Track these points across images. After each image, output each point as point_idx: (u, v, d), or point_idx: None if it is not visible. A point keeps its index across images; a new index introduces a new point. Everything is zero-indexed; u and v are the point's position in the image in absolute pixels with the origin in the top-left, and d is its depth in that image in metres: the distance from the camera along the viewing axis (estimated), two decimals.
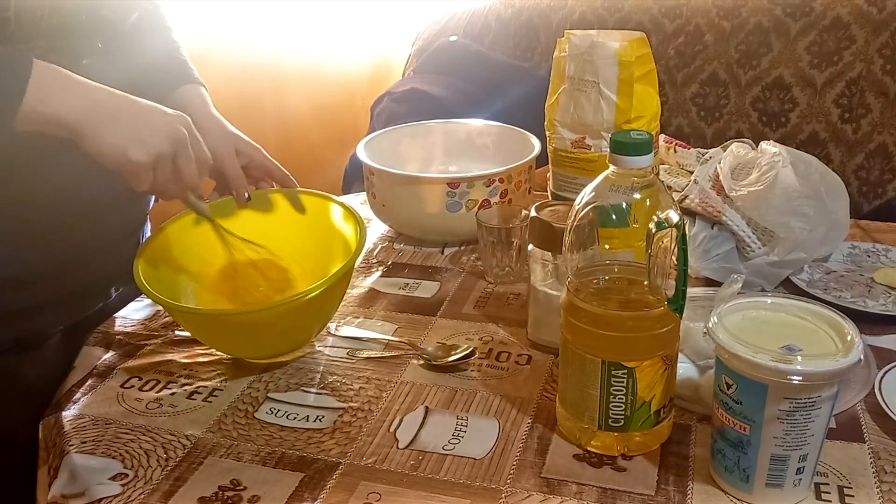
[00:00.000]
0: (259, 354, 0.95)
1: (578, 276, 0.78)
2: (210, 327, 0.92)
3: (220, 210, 1.00)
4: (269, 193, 1.04)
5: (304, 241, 1.01)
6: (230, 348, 0.95)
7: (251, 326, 0.89)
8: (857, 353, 0.68)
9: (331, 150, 2.49)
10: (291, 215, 1.03)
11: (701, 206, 1.06)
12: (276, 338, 0.92)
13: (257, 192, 1.03)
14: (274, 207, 1.03)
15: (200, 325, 0.92)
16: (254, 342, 0.93)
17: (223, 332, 0.92)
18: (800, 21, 1.99)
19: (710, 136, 2.08)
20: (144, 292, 0.88)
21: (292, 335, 0.94)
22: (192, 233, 0.98)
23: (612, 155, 0.74)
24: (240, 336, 0.91)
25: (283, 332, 0.92)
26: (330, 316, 0.98)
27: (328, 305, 0.95)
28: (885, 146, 1.92)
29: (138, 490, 0.76)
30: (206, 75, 1.11)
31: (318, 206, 1.03)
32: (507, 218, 1.13)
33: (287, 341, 0.94)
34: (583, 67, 1.20)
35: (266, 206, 1.03)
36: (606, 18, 2.16)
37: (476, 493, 0.74)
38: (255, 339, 0.92)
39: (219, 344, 0.95)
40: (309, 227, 1.02)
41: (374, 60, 2.67)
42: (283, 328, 0.91)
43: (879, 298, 1.05)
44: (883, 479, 0.75)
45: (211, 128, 1.01)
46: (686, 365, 0.87)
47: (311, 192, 1.04)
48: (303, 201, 1.03)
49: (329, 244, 0.99)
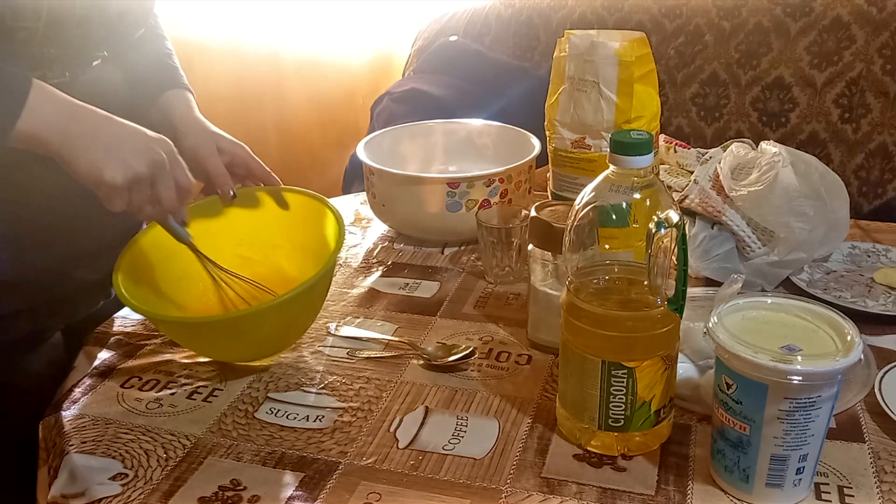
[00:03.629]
0: (245, 357, 0.95)
1: (578, 276, 0.78)
2: (191, 334, 0.92)
3: (207, 210, 1.01)
4: (254, 191, 1.04)
5: (290, 238, 1.02)
6: (216, 354, 0.95)
7: (234, 331, 0.89)
8: (857, 353, 0.68)
9: (331, 150, 2.49)
10: (277, 213, 1.03)
11: (701, 206, 1.06)
12: (261, 341, 0.92)
13: (242, 189, 1.03)
14: (260, 205, 1.04)
15: (181, 333, 0.93)
16: (238, 347, 0.92)
17: (205, 339, 0.92)
18: (800, 21, 1.98)
19: (710, 136, 2.08)
20: (125, 302, 0.88)
21: (276, 338, 0.94)
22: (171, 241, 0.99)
23: (612, 155, 0.74)
24: (223, 342, 0.91)
25: (268, 335, 0.92)
26: (314, 316, 0.98)
27: (309, 308, 0.94)
28: (885, 146, 1.92)
29: (138, 490, 0.76)
30: (208, 75, 1.11)
31: (302, 204, 1.03)
32: (507, 218, 1.13)
33: (273, 343, 0.94)
34: (583, 67, 1.20)
35: (252, 203, 1.03)
36: (606, 18, 2.16)
37: (476, 493, 0.74)
38: (239, 343, 0.91)
39: (204, 351, 0.95)
40: (293, 224, 1.02)
41: (374, 60, 2.67)
42: (266, 331, 0.90)
43: (879, 298, 1.05)
44: (883, 479, 0.75)
45: (193, 129, 1.03)
46: (686, 365, 0.87)
47: (295, 190, 1.04)
48: (287, 199, 1.04)
49: (313, 240, 0.99)
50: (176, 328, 0.93)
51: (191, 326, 0.92)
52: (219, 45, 2.13)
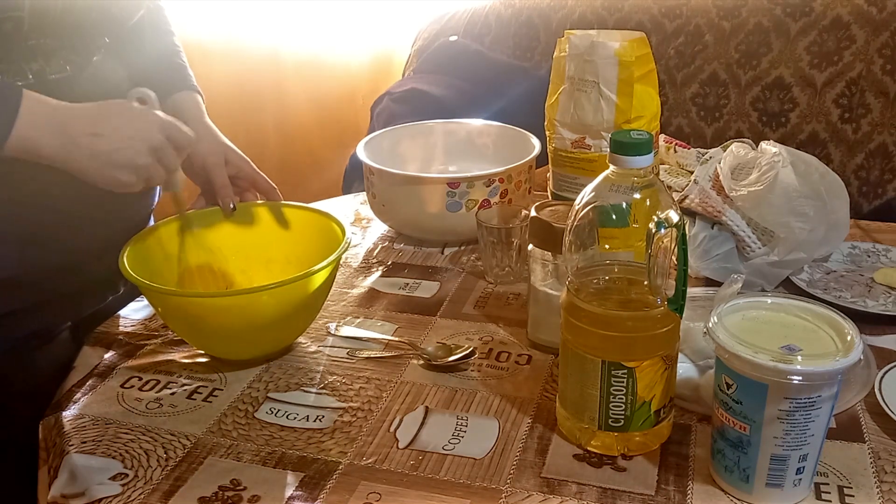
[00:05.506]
0: (243, 348, 0.94)
1: (578, 276, 0.78)
2: (195, 314, 0.91)
3: (205, 219, 1.02)
4: (253, 206, 1.05)
5: (286, 252, 1.02)
6: (214, 343, 0.95)
7: (237, 312, 0.89)
8: (857, 353, 0.68)
9: (331, 150, 2.49)
10: (274, 228, 1.04)
11: (701, 206, 1.06)
12: (260, 328, 0.91)
13: (242, 204, 1.04)
14: (257, 219, 1.05)
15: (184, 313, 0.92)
16: (238, 332, 0.92)
17: (205, 321, 0.91)
18: (800, 21, 1.99)
19: (710, 136, 2.08)
20: (127, 275, 0.89)
21: (276, 327, 0.93)
22: (176, 239, 1.01)
23: (612, 155, 0.74)
24: (224, 324, 0.91)
25: (268, 322, 0.91)
26: (314, 312, 0.98)
27: (310, 300, 0.94)
28: (885, 146, 1.92)
29: (138, 490, 0.76)
30: (208, 75, 1.11)
31: (302, 219, 1.04)
32: (507, 218, 1.13)
33: (271, 333, 0.94)
34: (583, 67, 1.20)
35: (249, 218, 1.04)
36: (606, 18, 2.16)
37: (476, 493, 0.74)
38: (238, 329, 0.91)
39: (203, 339, 0.95)
40: (292, 240, 1.03)
41: (374, 60, 2.67)
42: (267, 316, 0.90)
43: (879, 298, 1.05)
44: (883, 479, 0.75)
45: (204, 137, 1.03)
46: (686, 365, 0.87)
47: (296, 205, 1.05)
48: (286, 215, 1.04)
49: (313, 254, 0.97)
50: (181, 306, 0.91)
51: (196, 304, 0.91)
52: (219, 45, 2.13)
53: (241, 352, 0.95)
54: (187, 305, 0.91)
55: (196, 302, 0.91)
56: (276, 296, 0.88)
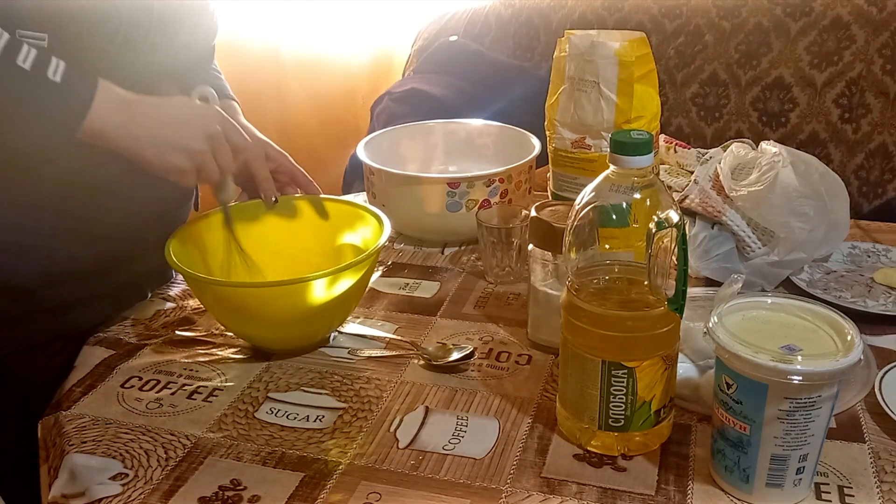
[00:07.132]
0: (272, 337, 0.96)
1: (578, 276, 0.78)
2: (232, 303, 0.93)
3: (247, 212, 1.05)
4: (294, 199, 1.08)
5: (323, 244, 1.05)
6: (247, 328, 0.96)
7: (290, 299, 0.91)
8: (857, 353, 0.68)
9: (331, 150, 2.49)
10: (314, 220, 1.07)
11: (701, 206, 1.06)
12: (292, 320, 0.93)
13: (283, 197, 1.06)
14: (298, 212, 1.08)
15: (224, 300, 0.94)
16: (270, 321, 0.93)
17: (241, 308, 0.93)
18: (800, 21, 1.98)
19: (710, 136, 2.08)
20: (173, 266, 0.92)
21: (306, 320, 0.94)
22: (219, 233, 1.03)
23: (612, 155, 0.74)
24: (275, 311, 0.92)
25: (299, 314, 0.93)
26: (347, 312, 0.99)
27: (342, 296, 0.94)
28: (885, 146, 1.92)
29: (138, 490, 0.76)
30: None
31: (341, 212, 1.07)
32: (507, 218, 1.13)
33: (302, 325, 0.95)
34: (583, 67, 1.20)
35: (291, 211, 1.07)
36: (606, 18, 2.16)
37: (476, 493, 0.74)
38: (272, 317, 0.93)
39: (237, 324, 0.97)
40: (330, 232, 1.06)
41: (374, 60, 2.66)
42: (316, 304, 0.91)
43: (879, 298, 1.05)
44: (883, 479, 0.75)
45: None
46: (686, 365, 0.87)
47: (335, 199, 1.08)
48: (326, 208, 1.07)
49: (349, 247, 1.02)
50: (229, 296, 0.93)
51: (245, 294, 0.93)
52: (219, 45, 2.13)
53: (287, 341, 0.96)
54: (243, 296, 0.92)
55: (246, 292, 0.93)
56: (330, 281, 0.90)
